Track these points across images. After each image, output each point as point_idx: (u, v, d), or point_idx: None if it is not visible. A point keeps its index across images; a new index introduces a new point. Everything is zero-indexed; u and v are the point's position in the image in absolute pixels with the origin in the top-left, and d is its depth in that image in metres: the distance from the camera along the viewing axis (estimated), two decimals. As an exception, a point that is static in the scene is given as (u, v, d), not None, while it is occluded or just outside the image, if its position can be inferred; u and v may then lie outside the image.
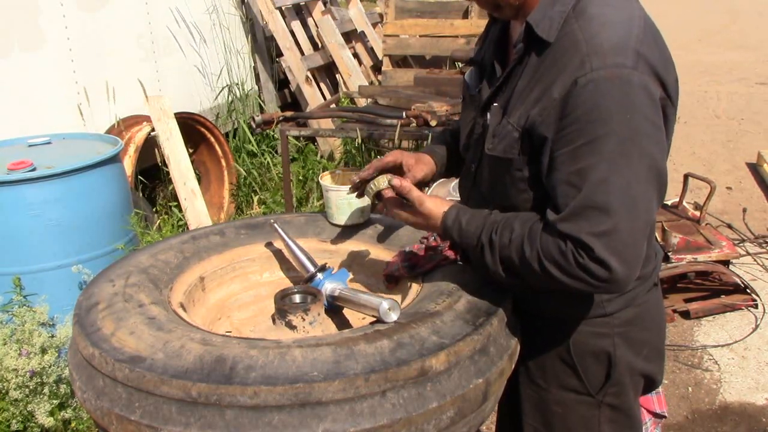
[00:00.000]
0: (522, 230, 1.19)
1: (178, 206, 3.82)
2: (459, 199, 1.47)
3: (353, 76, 5.27)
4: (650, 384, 1.47)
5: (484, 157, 1.30)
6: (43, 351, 2.13)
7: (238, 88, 4.99)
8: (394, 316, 1.20)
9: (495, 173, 1.29)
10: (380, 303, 1.21)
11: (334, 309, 1.48)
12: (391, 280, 1.49)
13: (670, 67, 1.20)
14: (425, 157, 1.51)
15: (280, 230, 1.58)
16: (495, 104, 1.28)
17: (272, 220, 1.63)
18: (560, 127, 1.13)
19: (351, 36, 5.86)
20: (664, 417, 1.70)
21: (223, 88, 4.88)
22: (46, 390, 2.09)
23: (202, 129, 4.23)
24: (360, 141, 4.16)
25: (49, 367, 2.11)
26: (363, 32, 5.91)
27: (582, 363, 1.36)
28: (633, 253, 1.13)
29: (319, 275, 1.48)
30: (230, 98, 4.93)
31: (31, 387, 2.07)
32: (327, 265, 1.52)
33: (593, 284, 1.13)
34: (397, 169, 1.45)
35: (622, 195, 1.10)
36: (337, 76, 5.38)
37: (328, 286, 1.44)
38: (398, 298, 1.47)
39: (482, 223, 1.24)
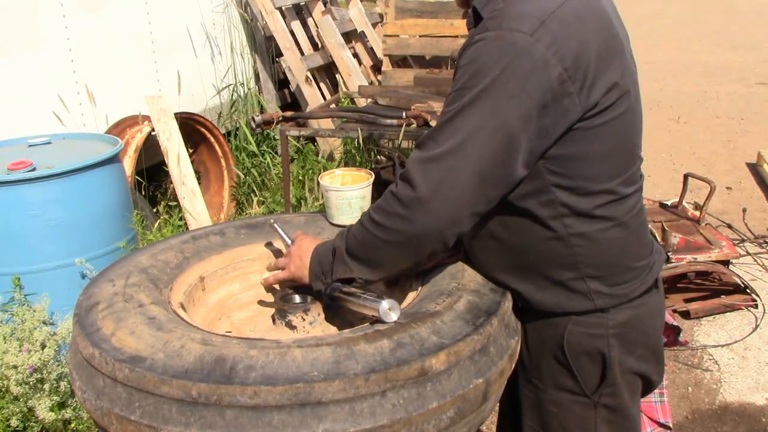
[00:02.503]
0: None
1: (178, 206, 3.82)
2: None
3: (353, 76, 5.27)
4: (647, 385, 1.45)
5: None
6: (44, 347, 2.13)
7: (240, 87, 4.99)
8: (394, 316, 1.20)
9: None
10: (380, 303, 1.21)
11: (334, 309, 1.48)
12: (392, 280, 1.49)
13: (597, 47, 1.17)
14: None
15: (279, 230, 1.58)
16: None
17: (272, 220, 1.63)
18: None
19: (351, 36, 5.86)
20: (669, 428, 1.68)
21: (223, 88, 4.89)
22: (46, 387, 2.09)
23: (202, 129, 4.23)
24: (360, 139, 4.15)
25: (50, 363, 2.11)
26: (363, 32, 5.91)
27: (576, 363, 1.35)
28: (444, 186, 1.15)
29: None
30: (231, 98, 4.94)
31: (31, 383, 2.07)
32: None
33: (404, 214, 1.16)
34: None
35: (458, 135, 1.14)
36: (337, 76, 5.38)
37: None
38: (398, 298, 1.47)
39: (331, 241, 1.32)
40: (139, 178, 3.68)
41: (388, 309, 1.20)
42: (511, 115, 1.13)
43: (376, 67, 5.69)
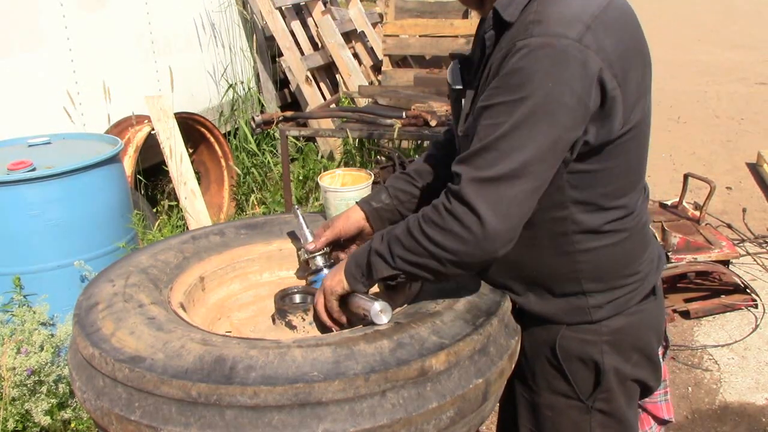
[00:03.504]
0: (412, 215, 1.22)
1: (178, 206, 3.82)
2: None
3: (353, 76, 5.27)
4: (645, 390, 1.45)
5: (461, 144, 1.30)
6: (42, 349, 2.13)
7: (240, 87, 4.99)
8: (384, 319, 1.21)
9: None
10: (372, 304, 1.21)
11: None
12: (390, 287, 1.48)
13: (632, 57, 1.17)
14: (351, 211, 1.52)
15: (301, 218, 1.55)
16: (469, 90, 1.28)
17: (296, 207, 1.62)
18: (491, 84, 1.14)
19: (351, 36, 5.86)
20: (670, 422, 1.69)
21: (228, 89, 4.89)
22: (44, 389, 2.09)
23: (202, 129, 4.23)
24: (353, 140, 4.16)
25: (48, 365, 2.11)
26: (363, 32, 5.91)
27: (570, 367, 1.35)
28: (511, 210, 1.12)
29: (325, 270, 1.48)
30: (232, 97, 4.94)
31: (29, 386, 2.07)
32: (336, 262, 1.52)
33: (464, 236, 1.12)
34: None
35: (516, 154, 1.10)
36: (337, 76, 5.38)
37: None
38: (398, 298, 1.46)
39: (369, 242, 1.26)
40: (140, 177, 3.68)
41: (380, 311, 1.21)
42: (567, 126, 1.11)
43: (376, 67, 5.69)
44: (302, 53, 5.23)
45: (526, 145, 1.10)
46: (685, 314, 3.42)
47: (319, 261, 1.50)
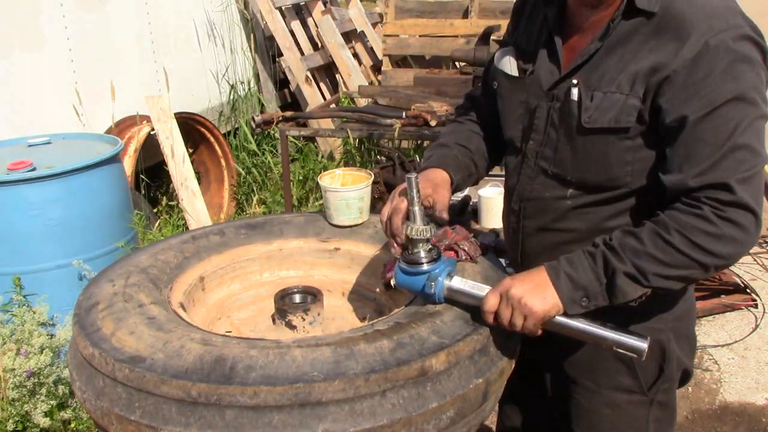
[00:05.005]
0: (645, 228, 1.15)
1: (178, 206, 3.82)
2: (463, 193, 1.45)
3: (353, 76, 5.27)
4: (684, 378, 1.47)
5: (570, 134, 1.26)
6: (42, 351, 2.13)
7: (240, 87, 4.99)
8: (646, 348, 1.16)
9: (591, 147, 1.25)
10: (639, 343, 1.15)
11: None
12: (390, 287, 1.47)
13: None
14: (438, 176, 1.41)
15: (414, 187, 1.25)
16: (575, 81, 1.25)
17: (411, 175, 1.27)
18: (693, 89, 1.14)
19: (351, 36, 5.86)
20: None
21: (231, 88, 4.89)
22: (43, 391, 2.09)
23: (202, 129, 4.23)
24: (353, 140, 4.16)
25: (47, 367, 2.10)
26: (363, 32, 5.92)
27: (639, 360, 1.35)
28: (761, 198, 1.14)
29: (430, 264, 1.26)
30: (232, 97, 4.94)
31: (28, 387, 2.07)
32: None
33: (742, 239, 1.12)
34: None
35: (759, 145, 1.14)
36: (337, 76, 5.38)
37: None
38: (398, 298, 1.47)
39: (591, 261, 1.18)
40: (142, 176, 3.68)
41: (645, 346, 1.15)
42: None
43: (376, 67, 5.69)
44: (302, 53, 5.23)
45: (759, 134, 1.14)
46: (685, 314, 3.42)
47: (422, 254, 1.26)
